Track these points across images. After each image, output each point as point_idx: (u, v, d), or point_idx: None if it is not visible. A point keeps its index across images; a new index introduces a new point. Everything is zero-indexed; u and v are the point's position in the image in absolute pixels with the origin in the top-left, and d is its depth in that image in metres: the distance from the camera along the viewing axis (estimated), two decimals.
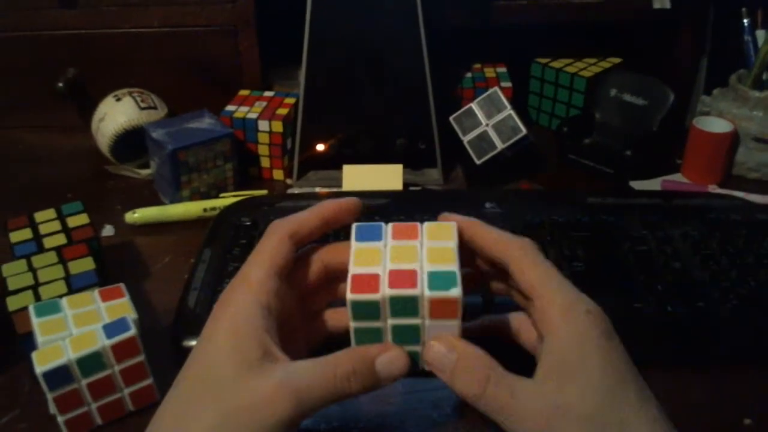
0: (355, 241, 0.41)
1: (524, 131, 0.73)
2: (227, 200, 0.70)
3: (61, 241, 0.58)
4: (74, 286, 0.53)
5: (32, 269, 0.54)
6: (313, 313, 0.45)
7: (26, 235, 0.58)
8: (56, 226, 0.60)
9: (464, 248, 0.41)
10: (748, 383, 0.49)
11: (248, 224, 0.63)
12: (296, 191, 0.75)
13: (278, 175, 0.78)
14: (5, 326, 0.50)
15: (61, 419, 0.45)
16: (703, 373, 0.50)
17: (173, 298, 0.56)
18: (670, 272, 0.56)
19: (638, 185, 0.75)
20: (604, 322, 0.38)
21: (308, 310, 0.44)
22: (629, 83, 0.78)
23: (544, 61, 0.88)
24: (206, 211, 0.70)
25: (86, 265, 0.55)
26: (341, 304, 0.43)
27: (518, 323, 0.44)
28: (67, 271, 0.54)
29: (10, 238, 0.58)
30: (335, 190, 0.74)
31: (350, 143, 0.75)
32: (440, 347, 0.39)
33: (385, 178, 0.74)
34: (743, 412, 0.47)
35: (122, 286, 0.51)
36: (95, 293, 0.50)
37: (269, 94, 0.81)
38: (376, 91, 0.74)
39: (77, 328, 0.47)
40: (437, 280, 0.38)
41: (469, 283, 0.39)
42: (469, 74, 0.85)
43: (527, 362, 0.39)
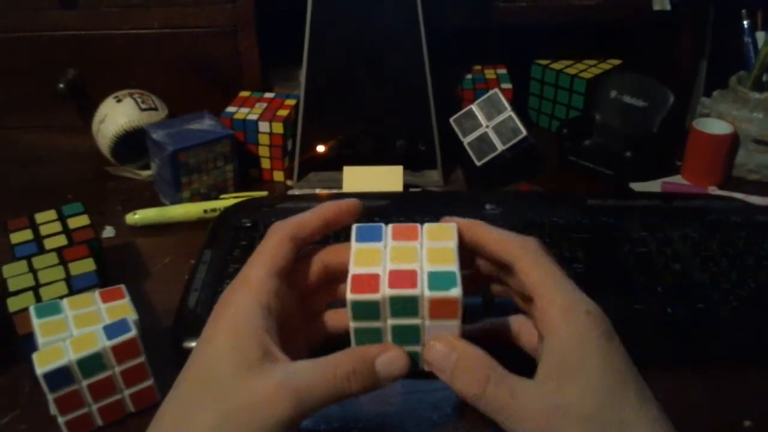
0: (355, 241, 0.41)
1: (524, 133, 0.73)
2: (228, 201, 0.70)
3: (61, 242, 0.58)
4: (75, 287, 0.53)
5: (33, 270, 0.54)
6: (313, 313, 0.45)
7: (27, 236, 0.58)
8: (57, 227, 0.60)
9: (465, 250, 0.41)
10: (748, 383, 0.50)
11: (249, 225, 0.63)
12: (296, 192, 0.75)
13: (278, 176, 0.78)
14: (6, 327, 0.50)
15: (61, 420, 0.45)
16: (703, 373, 0.50)
17: (174, 299, 0.56)
18: (670, 274, 0.56)
19: (638, 187, 0.75)
20: (604, 322, 0.38)
21: (308, 310, 0.44)
22: (629, 85, 0.78)
23: (544, 62, 0.88)
24: (206, 212, 0.70)
25: (87, 266, 0.55)
26: (341, 304, 0.43)
27: (518, 326, 0.44)
28: (67, 272, 0.54)
29: (10, 239, 0.58)
30: (335, 191, 0.74)
31: (350, 144, 0.75)
32: (440, 347, 0.39)
33: (385, 179, 0.74)
34: (743, 412, 0.47)
35: (123, 287, 0.51)
36: (96, 294, 0.50)
37: (269, 95, 0.81)
38: (376, 92, 0.74)
39: (78, 329, 0.47)
40: (437, 280, 0.38)
41: (469, 284, 0.39)
42: (469, 76, 0.85)
43: (527, 363, 0.39)
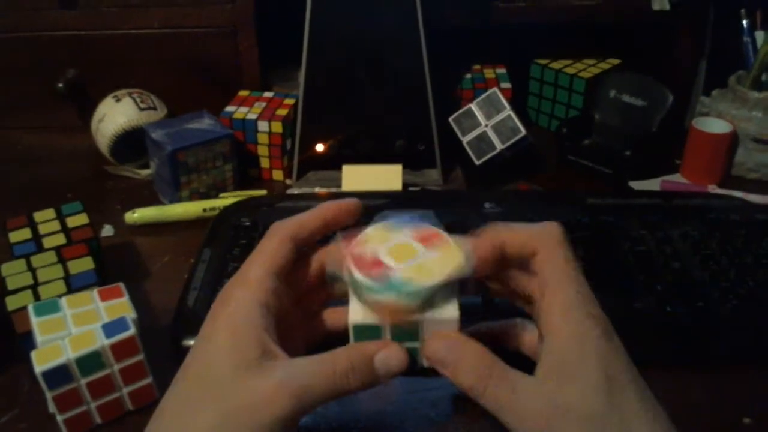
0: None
1: (523, 132, 0.73)
2: (227, 200, 0.70)
3: (60, 240, 0.58)
4: (73, 285, 0.53)
5: (31, 269, 0.54)
6: (310, 312, 0.44)
7: (26, 234, 0.58)
8: (56, 226, 0.60)
9: (490, 261, 0.40)
10: (748, 383, 0.49)
11: (248, 224, 0.63)
12: (296, 192, 0.75)
13: (278, 175, 0.78)
14: (4, 326, 0.50)
15: (60, 418, 0.45)
16: (703, 373, 0.50)
17: (173, 297, 0.56)
18: (669, 272, 0.56)
19: (638, 185, 0.75)
20: (604, 323, 0.38)
21: (305, 309, 0.44)
22: (628, 84, 0.78)
23: (543, 62, 0.88)
24: (206, 211, 0.70)
25: (85, 264, 0.55)
26: (338, 303, 0.43)
27: (516, 328, 0.44)
28: (66, 270, 0.54)
29: (9, 237, 0.58)
30: (335, 190, 0.74)
31: (350, 144, 0.75)
32: (442, 342, 0.39)
33: (384, 178, 0.74)
34: (743, 411, 0.47)
35: (121, 285, 0.51)
36: (94, 293, 0.50)
37: (269, 94, 0.81)
38: (375, 91, 0.74)
39: (76, 327, 0.47)
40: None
41: (469, 285, 0.39)
42: (468, 75, 0.85)
43: (527, 364, 0.39)
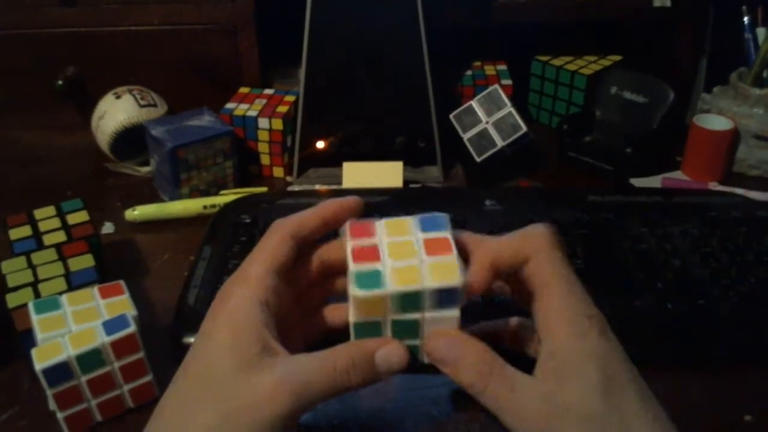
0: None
1: (524, 129, 0.73)
2: (227, 197, 0.70)
3: (60, 238, 0.58)
4: (74, 283, 0.53)
5: (32, 266, 0.54)
6: (310, 309, 0.44)
7: (26, 232, 0.58)
8: (56, 223, 0.59)
9: (483, 271, 0.40)
10: (748, 383, 0.49)
11: (248, 222, 0.63)
12: (296, 189, 0.75)
13: (278, 172, 0.78)
14: (5, 323, 0.50)
15: (60, 416, 0.45)
16: (703, 372, 0.50)
17: (173, 295, 0.56)
18: (669, 270, 0.56)
19: (638, 183, 0.75)
20: (601, 323, 0.38)
21: (305, 306, 0.44)
22: (629, 81, 0.78)
23: (544, 58, 0.88)
24: (206, 208, 0.70)
25: (86, 262, 0.55)
26: (337, 299, 0.43)
27: (516, 328, 0.44)
28: (66, 268, 0.54)
29: (9, 235, 0.58)
30: (335, 187, 0.74)
31: (350, 141, 0.75)
32: (443, 340, 0.39)
33: (385, 175, 0.74)
34: (743, 411, 0.47)
35: (122, 283, 0.51)
36: (95, 290, 0.50)
37: (269, 91, 0.81)
38: (376, 89, 0.74)
39: (77, 324, 0.47)
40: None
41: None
42: (469, 72, 0.85)
43: (527, 364, 0.39)
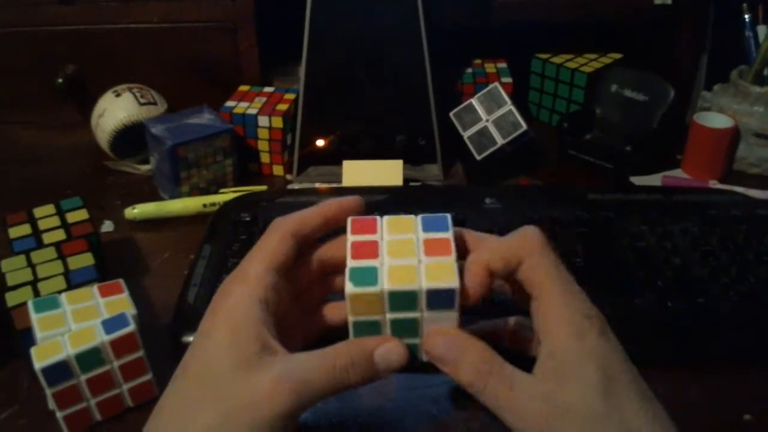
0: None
1: (524, 127, 0.73)
2: (227, 196, 0.70)
3: (60, 236, 0.58)
4: (73, 281, 0.52)
5: (31, 265, 0.54)
6: (309, 307, 0.44)
7: (25, 230, 0.58)
8: (55, 221, 0.59)
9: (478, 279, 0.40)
10: (748, 383, 0.49)
11: (248, 220, 0.63)
12: (296, 187, 0.75)
13: (278, 170, 0.78)
14: (4, 322, 0.50)
15: (60, 415, 0.45)
16: (703, 372, 0.50)
17: (173, 293, 0.56)
18: (670, 268, 0.56)
19: (638, 181, 0.75)
20: (600, 322, 0.38)
21: (305, 305, 0.44)
22: (630, 79, 0.78)
23: (544, 56, 0.87)
24: (206, 206, 0.70)
25: (85, 260, 0.55)
26: (337, 297, 0.43)
27: (516, 327, 0.44)
28: (66, 266, 0.54)
29: (9, 233, 0.58)
30: (335, 185, 0.74)
31: (350, 139, 0.75)
32: (442, 339, 0.39)
33: (385, 173, 0.73)
34: (743, 411, 0.47)
35: (121, 281, 0.51)
36: (94, 289, 0.50)
37: (269, 89, 0.81)
38: (376, 88, 0.73)
39: (76, 323, 0.47)
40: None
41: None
42: (469, 70, 0.85)
43: (527, 364, 0.39)
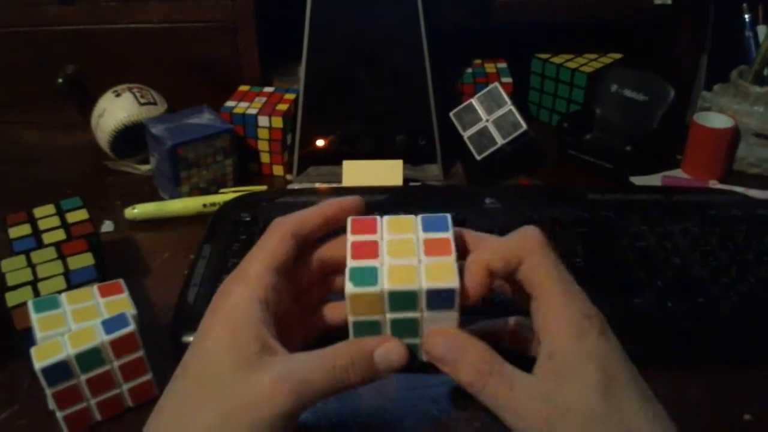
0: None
1: (524, 127, 0.73)
2: (227, 196, 0.70)
3: (60, 236, 0.58)
4: (73, 281, 0.52)
5: (31, 265, 0.54)
6: (309, 307, 0.44)
7: (25, 230, 0.58)
8: (55, 221, 0.59)
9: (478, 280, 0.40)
10: (748, 383, 0.49)
11: (248, 220, 0.63)
12: (296, 187, 0.75)
13: (278, 170, 0.78)
14: (4, 322, 0.50)
15: (60, 415, 0.45)
16: (703, 372, 0.50)
17: (173, 293, 0.56)
18: (670, 268, 0.56)
19: (638, 181, 0.75)
20: (600, 322, 0.38)
21: (305, 304, 0.44)
22: (630, 79, 0.78)
23: (544, 56, 0.87)
24: (206, 206, 0.70)
25: (85, 260, 0.55)
26: (337, 297, 0.43)
27: (516, 327, 0.44)
28: (66, 266, 0.54)
29: (9, 233, 0.58)
30: (335, 185, 0.74)
31: (350, 139, 0.75)
32: (441, 339, 0.39)
33: (385, 173, 0.73)
34: (743, 411, 0.47)
35: (121, 281, 0.51)
36: (94, 289, 0.50)
37: (269, 89, 0.81)
38: (376, 88, 0.73)
39: (76, 323, 0.47)
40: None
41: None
42: (469, 70, 0.85)
43: (527, 363, 0.39)
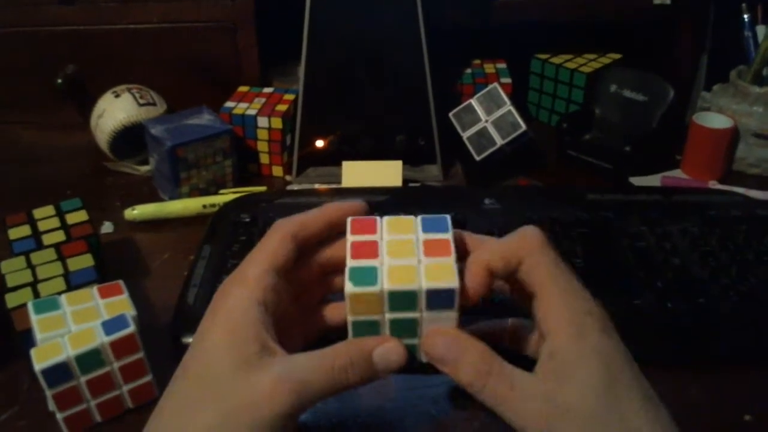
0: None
1: (524, 127, 0.73)
2: (227, 197, 0.70)
3: (60, 237, 0.58)
4: (73, 282, 0.52)
5: (31, 266, 0.54)
6: (308, 308, 0.44)
7: (25, 231, 0.58)
8: (55, 222, 0.59)
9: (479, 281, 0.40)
10: (748, 383, 0.49)
11: (247, 221, 0.63)
12: (295, 188, 0.75)
13: (277, 171, 0.78)
14: (4, 323, 0.50)
15: (60, 416, 0.45)
16: (703, 372, 0.50)
17: (172, 295, 0.56)
18: (669, 269, 0.56)
19: (638, 181, 0.75)
20: (603, 320, 0.38)
21: (304, 305, 0.44)
22: (629, 79, 0.78)
23: (543, 57, 0.87)
24: (205, 207, 0.70)
25: (85, 261, 0.55)
26: (336, 297, 0.43)
27: (516, 328, 0.44)
28: (65, 267, 0.54)
29: (8, 234, 0.58)
30: (335, 186, 0.74)
31: (350, 140, 0.75)
32: (441, 339, 0.39)
33: (384, 174, 0.73)
34: (743, 411, 0.47)
35: (121, 282, 0.51)
36: (94, 290, 0.50)
37: (268, 90, 0.81)
38: (375, 88, 0.73)
39: (76, 325, 0.47)
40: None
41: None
42: (468, 70, 0.85)
43: (527, 363, 0.39)
